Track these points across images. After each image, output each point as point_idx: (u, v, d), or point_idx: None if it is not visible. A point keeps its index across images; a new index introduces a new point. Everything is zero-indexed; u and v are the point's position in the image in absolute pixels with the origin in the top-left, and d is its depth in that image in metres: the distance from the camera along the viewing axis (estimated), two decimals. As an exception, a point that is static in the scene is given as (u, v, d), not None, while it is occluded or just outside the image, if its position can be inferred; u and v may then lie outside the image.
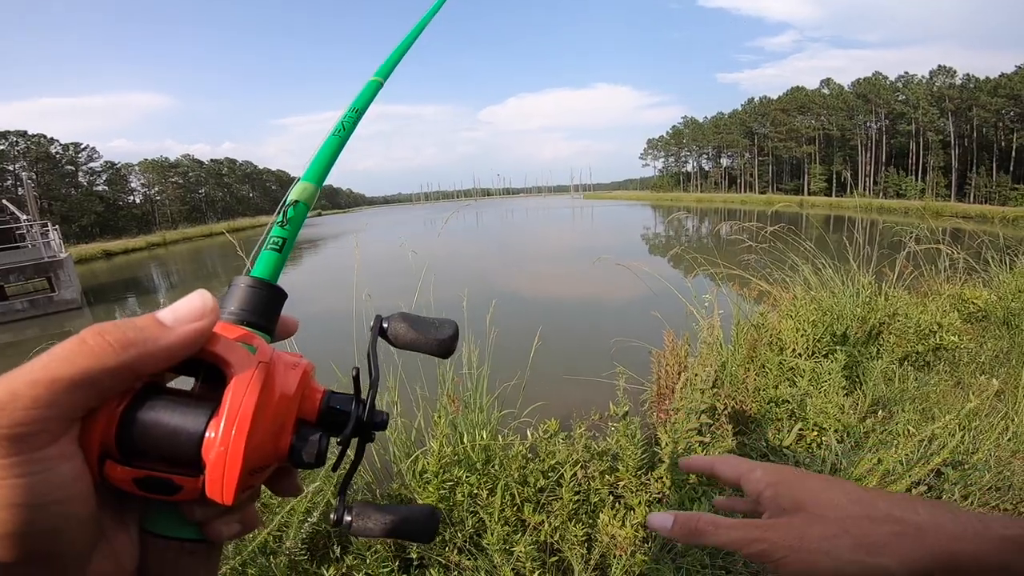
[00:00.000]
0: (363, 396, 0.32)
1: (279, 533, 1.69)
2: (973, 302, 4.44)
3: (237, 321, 0.31)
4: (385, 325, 0.35)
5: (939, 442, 2.42)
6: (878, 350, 3.49)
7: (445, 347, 0.35)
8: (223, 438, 0.25)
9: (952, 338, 3.56)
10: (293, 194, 0.37)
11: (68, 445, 0.22)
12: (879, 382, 3.03)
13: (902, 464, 1.99)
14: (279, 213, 0.36)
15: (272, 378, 0.27)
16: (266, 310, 0.32)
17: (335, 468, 0.34)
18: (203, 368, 0.28)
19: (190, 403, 0.26)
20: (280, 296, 0.33)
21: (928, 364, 3.51)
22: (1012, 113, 51.54)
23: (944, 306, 4.02)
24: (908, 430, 2.64)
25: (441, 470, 1.90)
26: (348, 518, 0.32)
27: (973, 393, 3.01)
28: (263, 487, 0.31)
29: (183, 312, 0.26)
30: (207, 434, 0.25)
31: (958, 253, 4.89)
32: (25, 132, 56.69)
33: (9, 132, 55.09)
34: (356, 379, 0.32)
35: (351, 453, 0.33)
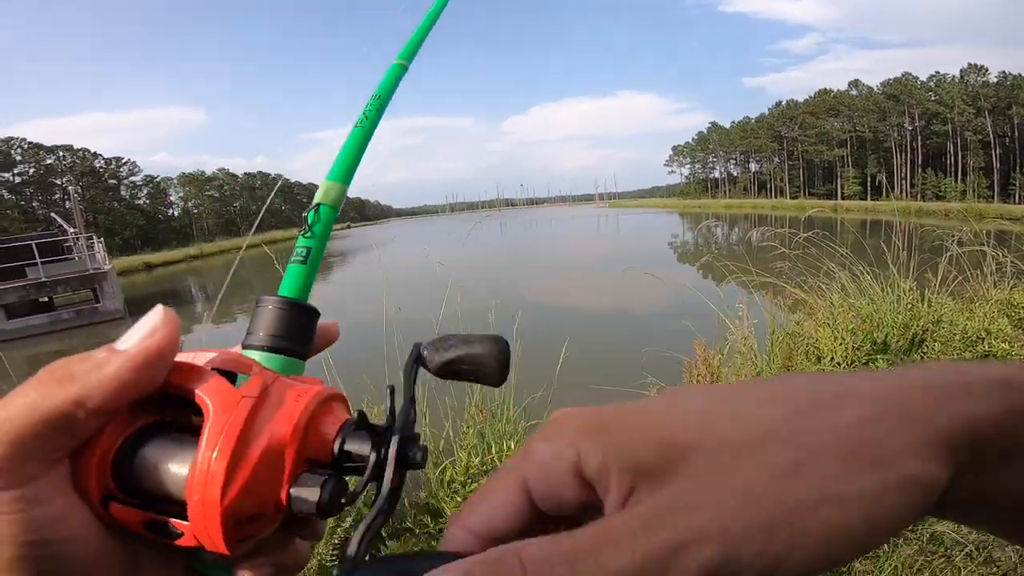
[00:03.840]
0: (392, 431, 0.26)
1: None
2: (1024, 308, 4.22)
3: (261, 348, 0.28)
4: (424, 353, 0.28)
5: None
6: (922, 358, 3.35)
7: (502, 374, 0.29)
8: (197, 486, 0.22)
9: (1003, 345, 3.39)
10: (316, 196, 0.34)
11: (51, 484, 0.21)
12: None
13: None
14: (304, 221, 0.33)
15: (257, 415, 0.23)
16: (294, 333, 0.29)
17: (350, 503, 0.26)
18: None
19: (182, 440, 0.24)
20: (310, 315, 0.30)
21: (977, 373, 3.34)
22: (1055, 111, 49.10)
23: (992, 312, 3.83)
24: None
25: (468, 480, 1.90)
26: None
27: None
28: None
29: (136, 333, 0.23)
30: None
31: (1005, 256, 4.66)
32: (71, 147, 58.87)
33: (57, 147, 57.63)
34: (392, 409, 0.26)
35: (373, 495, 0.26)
